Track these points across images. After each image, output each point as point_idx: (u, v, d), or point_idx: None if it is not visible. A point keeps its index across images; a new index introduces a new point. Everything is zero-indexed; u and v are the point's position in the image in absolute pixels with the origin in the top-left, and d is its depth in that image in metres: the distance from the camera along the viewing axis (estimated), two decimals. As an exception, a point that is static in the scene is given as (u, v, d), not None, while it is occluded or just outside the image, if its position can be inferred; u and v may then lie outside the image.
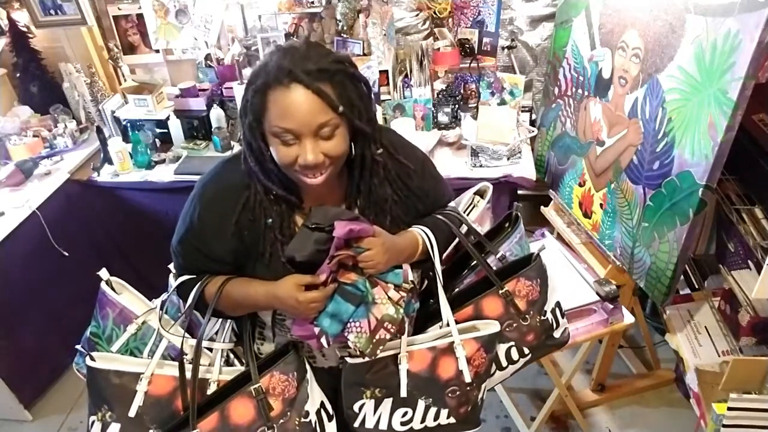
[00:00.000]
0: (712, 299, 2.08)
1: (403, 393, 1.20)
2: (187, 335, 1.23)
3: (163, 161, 2.57)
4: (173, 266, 1.28)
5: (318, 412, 1.25)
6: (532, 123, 2.65)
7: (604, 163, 2.04)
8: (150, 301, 1.36)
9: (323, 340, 1.08)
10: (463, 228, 1.32)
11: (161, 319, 1.25)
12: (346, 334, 1.09)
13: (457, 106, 2.61)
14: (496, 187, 2.00)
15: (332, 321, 1.08)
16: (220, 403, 1.16)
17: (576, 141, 2.23)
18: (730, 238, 1.94)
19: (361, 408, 1.23)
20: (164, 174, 2.50)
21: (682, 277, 2.03)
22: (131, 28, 2.86)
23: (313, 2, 2.64)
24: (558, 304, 1.39)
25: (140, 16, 2.78)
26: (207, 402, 1.19)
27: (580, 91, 2.17)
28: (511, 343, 1.32)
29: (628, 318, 1.83)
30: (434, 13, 2.64)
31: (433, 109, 2.58)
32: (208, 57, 2.78)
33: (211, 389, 1.22)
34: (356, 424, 1.25)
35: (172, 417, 1.18)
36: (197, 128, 2.66)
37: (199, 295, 1.17)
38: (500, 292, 1.28)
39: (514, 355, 1.33)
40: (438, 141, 2.52)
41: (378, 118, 2.45)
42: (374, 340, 1.09)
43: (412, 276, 1.15)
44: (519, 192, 2.44)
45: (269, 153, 1.06)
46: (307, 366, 1.26)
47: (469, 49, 2.63)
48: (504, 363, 1.34)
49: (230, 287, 1.16)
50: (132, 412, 1.16)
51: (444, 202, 1.33)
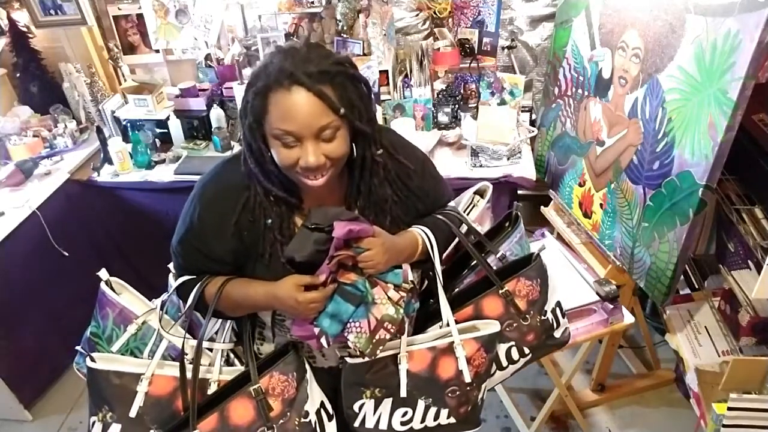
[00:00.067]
0: (712, 299, 2.08)
1: (403, 393, 1.20)
2: (188, 336, 1.23)
3: (163, 161, 2.58)
4: (173, 266, 1.28)
5: (318, 412, 1.25)
6: (532, 123, 2.65)
7: (604, 163, 2.04)
8: (150, 301, 1.36)
9: (323, 340, 1.08)
10: (463, 228, 1.32)
11: (161, 319, 1.25)
12: (345, 334, 1.09)
13: (457, 106, 2.61)
14: (496, 187, 2.00)
15: (332, 321, 1.08)
16: (219, 403, 1.16)
17: (576, 141, 2.23)
18: (730, 238, 1.94)
19: (361, 408, 1.23)
20: (164, 174, 2.50)
21: (682, 277, 2.03)
22: (131, 28, 2.86)
23: (313, 2, 2.64)
24: (558, 304, 1.39)
25: (140, 16, 2.78)
26: (207, 402, 1.19)
27: (580, 91, 2.17)
28: (512, 342, 1.32)
29: (628, 318, 1.83)
30: (434, 13, 2.64)
31: (433, 109, 2.58)
32: (208, 57, 2.78)
33: (212, 389, 1.22)
34: (356, 424, 1.25)
35: (172, 417, 1.19)
36: (197, 128, 2.66)
37: (199, 296, 1.18)
38: (500, 291, 1.28)
39: (515, 355, 1.33)
40: (438, 141, 2.52)
41: (378, 118, 2.45)
42: (374, 340, 1.09)
43: (411, 276, 1.15)
44: (519, 192, 2.44)
45: (269, 154, 1.06)
46: (307, 366, 1.26)
47: (469, 49, 2.63)
48: (504, 363, 1.34)
49: (230, 288, 1.16)
50: (133, 413, 1.16)
51: (444, 202, 1.33)
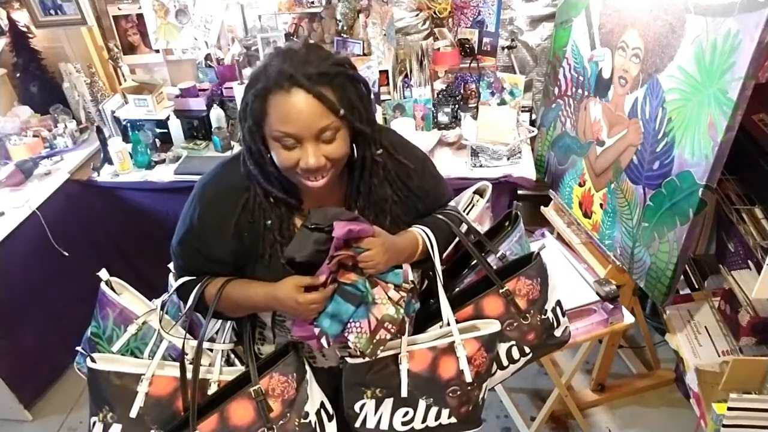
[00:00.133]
0: (712, 299, 2.08)
1: (404, 393, 1.20)
2: (188, 336, 1.23)
3: (163, 161, 2.57)
4: (173, 267, 1.28)
5: (318, 413, 1.25)
6: (532, 123, 2.65)
7: (604, 163, 2.04)
8: (150, 301, 1.36)
9: (323, 340, 1.08)
10: (463, 227, 1.32)
11: (161, 320, 1.24)
12: (346, 334, 1.08)
13: (457, 106, 2.61)
14: (496, 187, 2.00)
15: (332, 321, 1.08)
16: (219, 404, 1.16)
17: (576, 141, 2.23)
18: (730, 238, 1.94)
19: (361, 408, 1.23)
20: (164, 174, 2.50)
21: (682, 277, 2.03)
22: (131, 28, 2.86)
23: (313, 2, 2.64)
24: (558, 303, 1.39)
25: (140, 16, 2.77)
26: (207, 403, 1.19)
27: (580, 91, 2.17)
28: (512, 342, 1.32)
29: (628, 318, 1.83)
30: (434, 13, 2.64)
31: (433, 109, 2.58)
32: (208, 57, 2.77)
33: (212, 389, 1.22)
34: (357, 425, 1.25)
35: (173, 417, 1.18)
36: (197, 128, 2.66)
37: (199, 297, 1.18)
38: (500, 291, 1.28)
39: (515, 354, 1.33)
40: (438, 141, 2.52)
41: (378, 118, 2.45)
42: (374, 341, 1.09)
43: (412, 276, 1.15)
44: (519, 192, 2.44)
45: (269, 156, 1.06)
46: (307, 366, 1.26)
47: (469, 49, 2.63)
48: (505, 362, 1.34)
49: (230, 288, 1.16)
50: (133, 413, 1.16)
51: (444, 201, 1.33)
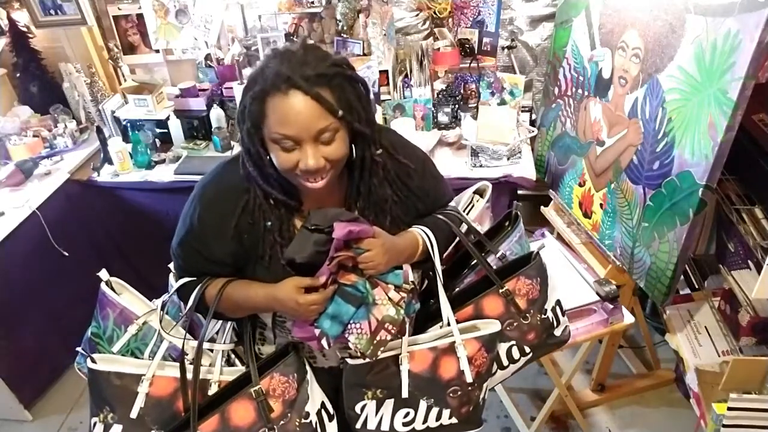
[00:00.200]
0: (712, 299, 2.08)
1: (405, 394, 1.20)
2: (188, 336, 1.23)
3: (163, 161, 2.57)
4: (173, 267, 1.28)
5: (318, 413, 1.25)
6: (532, 123, 2.65)
7: (604, 163, 2.04)
8: (150, 301, 1.36)
9: (324, 341, 1.08)
10: (463, 227, 1.32)
11: (162, 320, 1.24)
12: (346, 335, 1.08)
13: (457, 106, 2.61)
14: (496, 187, 2.00)
15: (333, 322, 1.07)
16: (220, 405, 1.16)
17: (576, 141, 2.23)
18: (730, 238, 1.94)
19: (362, 409, 1.23)
20: (164, 174, 2.50)
21: (682, 277, 2.03)
22: (131, 28, 2.85)
23: (313, 2, 2.64)
24: (558, 303, 1.39)
25: (140, 16, 2.77)
26: (208, 403, 1.19)
27: (580, 91, 2.17)
28: (512, 342, 1.32)
29: (628, 318, 1.83)
30: (434, 13, 2.64)
31: (433, 109, 2.58)
32: (208, 57, 2.77)
33: (213, 390, 1.22)
34: (358, 426, 1.25)
35: (173, 418, 1.18)
36: (197, 128, 2.66)
37: (200, 298, 1.17)
38: (500, 291, 1.28)
39: (515, 354, 1.34)
40: (438, 141, 2.52)
41: (378, 118, 2.45)
42: (375, 342, 1.09)
43: (412, 276, 1.15)
44: (519, 192, 2.43)
45: (268, 158, 1.06)
46: (307, 366, 1.26)
47: (469, 49, 2.63)
48: (505, 362, 1.34)
49: (230, 289, 1.16)
50: (134, 414, 1.16)
51: (444, 201, 1.33)
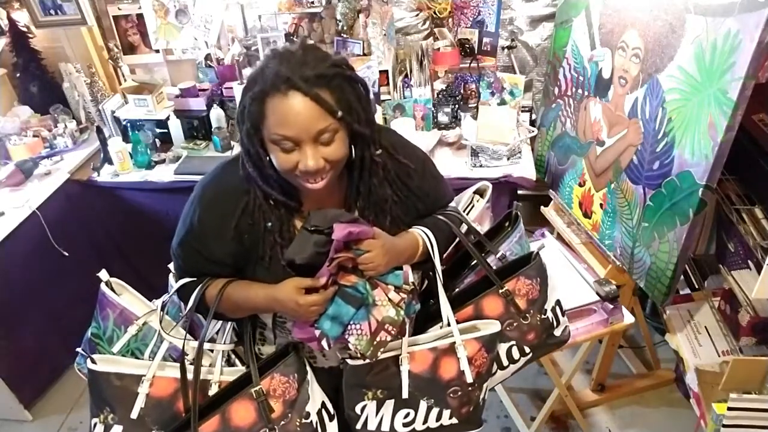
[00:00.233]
0: (712, 299, 2.08)
1: (405, 394, 1.20)
2: (189, 336, 1.23)
3: (163, 161, 2.57)
4: (173, 268, 1.28)
5: (319, 413, 1.25)
6: (532, 123, 2.65)
7: (604, 163, 2.04)
8: (150, 301, 1.36)
9: (324, 342, 1.08)
10: (463, 227, 1.32)
11: (162, 320, 1.24)
12: (346, 336, 1.08)
13: (457, 106, 2.61)
14: (496, 187, 2.00)
15: (333, 323, 1.07)
16: (220, 405, 1.16)
17: (576, 141, 2.23)
18: (730, 238, 1.94)
19: (363, 410, 1.23)
20: (164, 174, 2.50)
21: (682, 277, 2.03)
22: (131, 28, 2.85)
23: (313, 2, 2.63)
24: (558, 303, 1.39)
25: (140, 16, 2.77)
26: (208, 404, 1.19)
27: (580, 91, 2.17)
28: (512, 342, 1.32)
29: (628, 318, 1.83)
30: (434, 13, 2.63)
31: (433, 109, 2.58)
32: (208, 57, 2.77)
33: (213, 390, 1.22)
34: (358, 426, 1.25)
35: (174, 419, 1.18)
36: (197, 128, 2.65)
37: (200, 298, 1.17)
38: (500, 291, 1.28)
39: (515, 354, 1.34)
40: (438, 141, 2.52)
41: (378, 118, 2.45)
42: (375, 342, 1.09)
43: (412, 277, 1.15)
44: (519, 192, 2.43)
45: (268, 159, 1.06)
46: (308, 367, 1.26)
47: (469, 49, 2.63)
48: (505, 362, 1.34)
49: (230, 290, 1.16)
50: (134, 414, 1.16)
51: (444, 202, 1.33)
